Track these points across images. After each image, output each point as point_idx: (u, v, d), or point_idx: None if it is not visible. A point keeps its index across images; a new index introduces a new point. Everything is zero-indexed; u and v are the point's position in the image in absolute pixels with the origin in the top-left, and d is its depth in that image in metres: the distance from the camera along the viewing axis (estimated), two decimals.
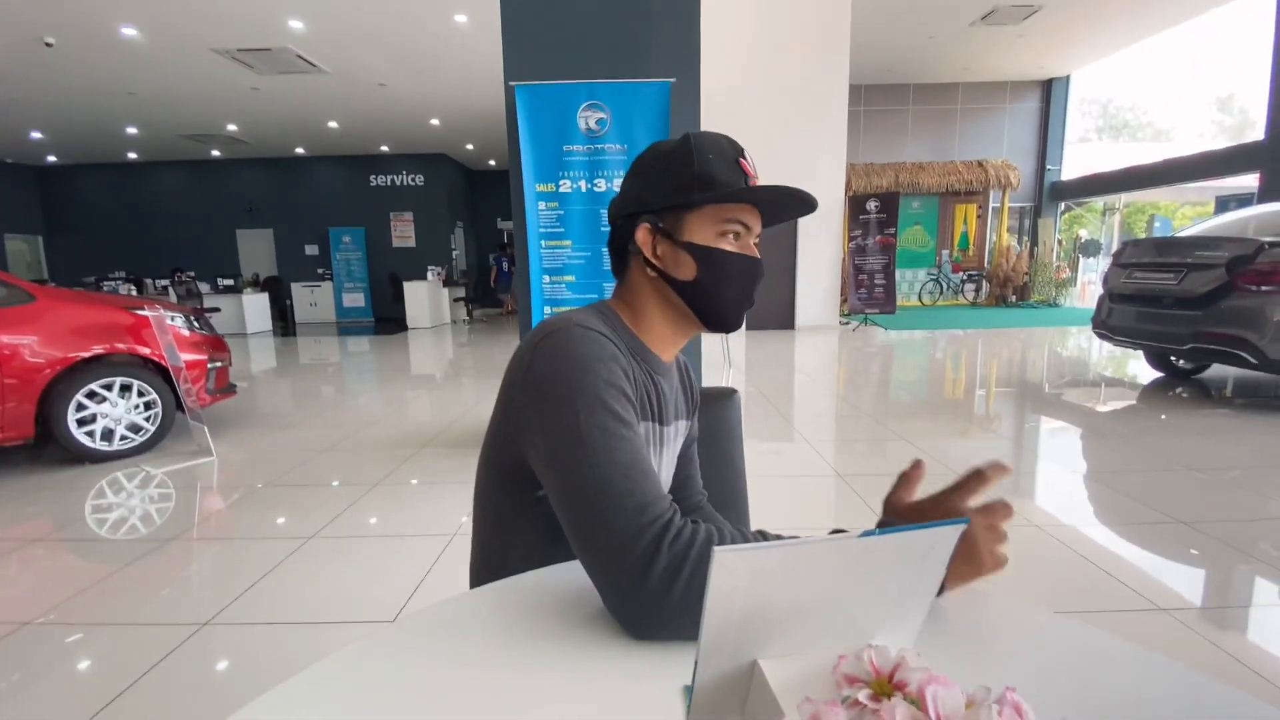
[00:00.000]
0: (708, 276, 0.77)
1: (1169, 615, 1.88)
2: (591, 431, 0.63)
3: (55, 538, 2.68)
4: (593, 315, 0.76)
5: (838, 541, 0.34)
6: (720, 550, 0.33)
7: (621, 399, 0.68)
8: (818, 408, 4.83)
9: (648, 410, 0.78)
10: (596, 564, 0.60)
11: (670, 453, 0.86)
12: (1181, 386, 5.14)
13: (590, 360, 0.68)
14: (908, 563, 0.37)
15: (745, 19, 9.09)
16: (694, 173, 0.76)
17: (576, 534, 0.62)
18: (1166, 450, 3.47)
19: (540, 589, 0.67)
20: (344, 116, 11.01)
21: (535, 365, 0.69)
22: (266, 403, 5.53)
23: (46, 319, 3.46)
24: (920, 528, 0.35)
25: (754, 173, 0.78)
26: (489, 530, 0.83)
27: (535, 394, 0.68)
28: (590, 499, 0.61)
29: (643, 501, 0.60)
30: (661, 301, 0.80)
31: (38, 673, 1.73)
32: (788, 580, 0.35)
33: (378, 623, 1.92)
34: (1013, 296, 13.08)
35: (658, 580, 0.56)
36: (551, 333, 0.71)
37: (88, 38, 7.14)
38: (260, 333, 11.52)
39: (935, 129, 13.73)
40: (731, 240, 0.77)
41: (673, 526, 0.59)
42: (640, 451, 0.65)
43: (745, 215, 0.77)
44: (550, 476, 0.66)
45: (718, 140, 0.78)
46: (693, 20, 3.27)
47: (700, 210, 0.76)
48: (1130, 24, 10.63)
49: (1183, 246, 4.59)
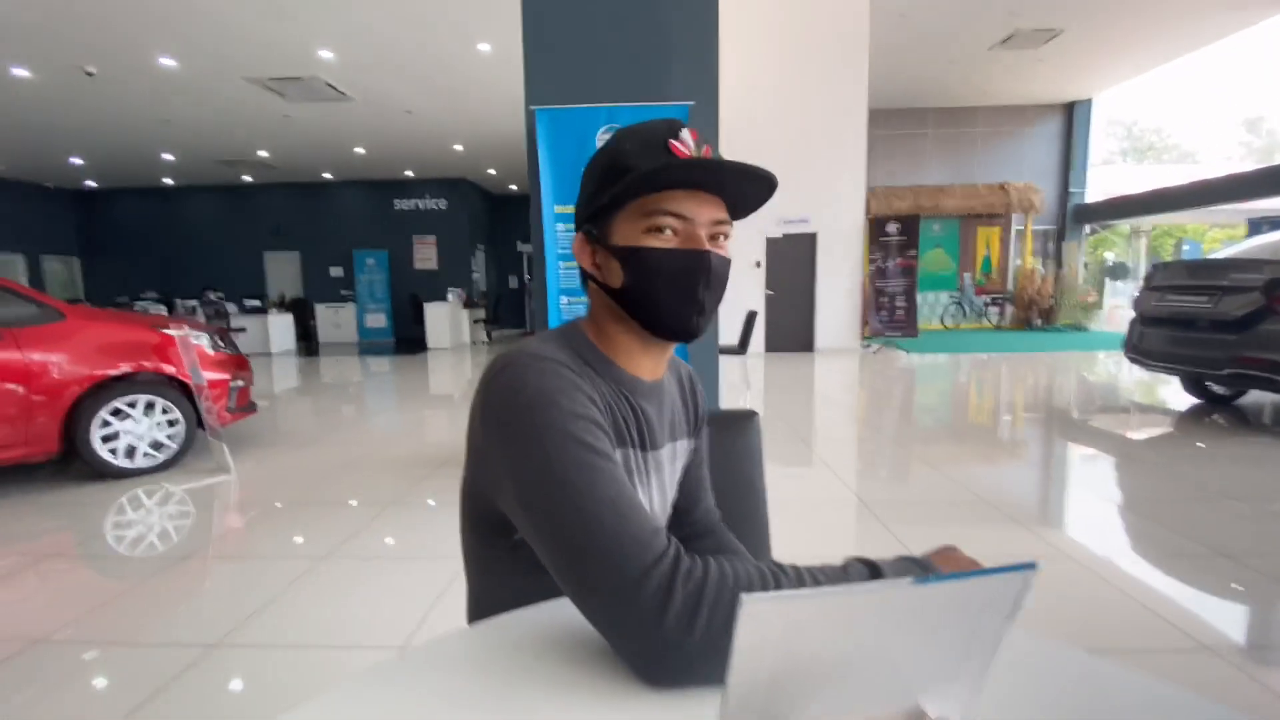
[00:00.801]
0: (634, 279, 0.68)
1: (1213, 654, 1.78)
2: (567, 470, 0.57)
3: (75, 553, 2.69)
4: (551, 341, 0.70)
5: (886, 589, 0.30)
6: (750, 598, 0.28)
7: (592, 428, 0.62)
8: (838, 431, 4.74)
9: (626, 436, 0.72)
10: (601, 610, 0.54)
11: (665, 478, 0.80)
12: (1218, 413, 4.97)
13: (549, 393, 0.61)
14: (966, 614, 0.32)
15: (764, 44, 9.17)
16: (611, 168, 0.68)
17: (571, 581, 0.56)
18: (1205, 479, 3.33)
19: (545, 625, 0.62)
20: (370, 142, 11.26)
21: (490, 405, 0.63)
22: (286, 421, 5.57)
23: (75, 337, 3.53)
24: (983, 573, 0.30)
25: (689, 152, 0.66)
26: (474, 574, 0.80)
27: (497, 436, 0.62)
28: (582, 542, 0.55)
29: (640, 537, 0.55)
30: (614, 314, 0.72)
31: (47, 690, 1.71)
32: (827, 632, 0.31)
33: (386, 648, 1.88)
34: (1038, 320, 12.83)
35: (675, 623, 0.51)
36: (502, 369, 0.64)
37: (127, 67, 7.42)
38: (284, 352, 11.69)
39: (956, 152, 13.66)
40: (664, 235, 0.67)
41: (682, 562, 0.54)
42: (624, 482, 0.60)
43: (678, 203, 0.66)
44: (529, 523, 0.60)
45: (649, 127, 0.69)
46: (711, 44, 3.29)
47: (624, 208, 0.68)
48: (1153, 47, 10.53)
49: (1217, 269, 4.46)
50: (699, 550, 0.91)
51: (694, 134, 0.68)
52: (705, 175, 0.66)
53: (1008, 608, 0.32)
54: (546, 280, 3.37)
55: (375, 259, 14.27)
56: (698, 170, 0.65)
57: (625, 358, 0.74)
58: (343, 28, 6.68)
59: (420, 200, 14.43)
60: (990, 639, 0.33)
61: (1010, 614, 0.32)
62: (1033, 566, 0.31)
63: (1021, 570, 0.30)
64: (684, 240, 0.67)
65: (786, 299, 9.85)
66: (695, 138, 0.68)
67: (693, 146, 0.67)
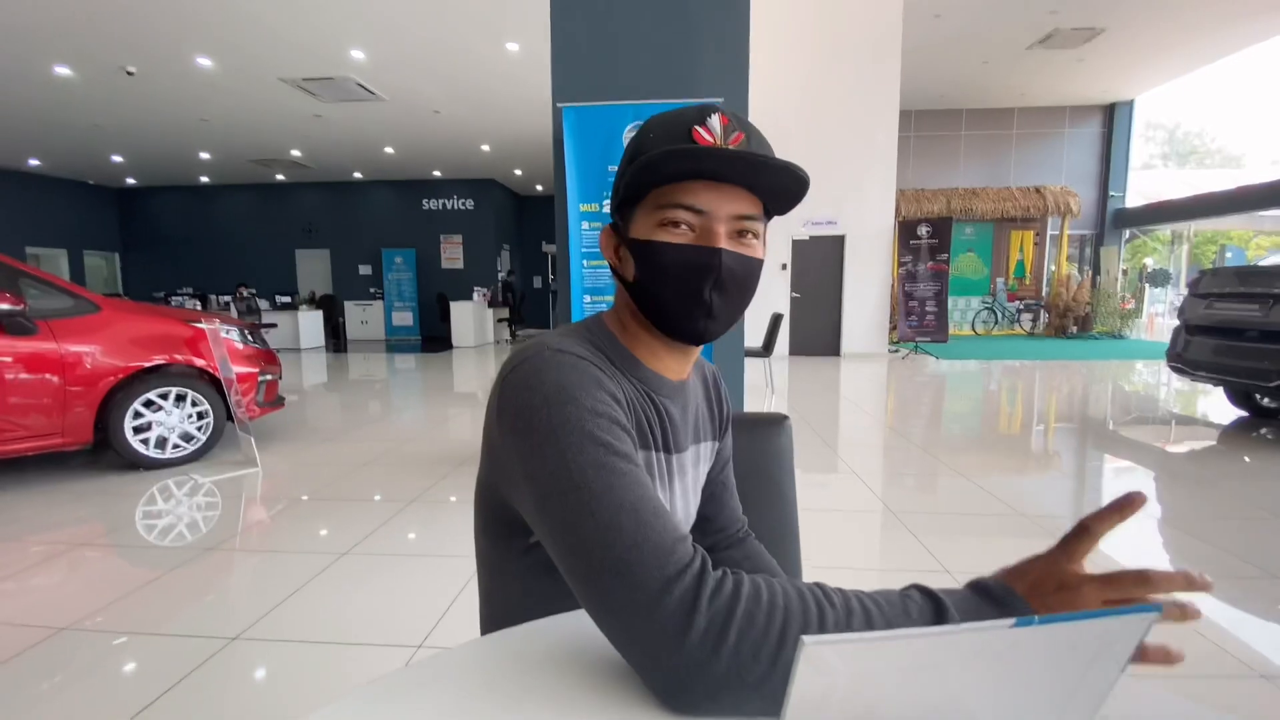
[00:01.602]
0: (643, 274, 0.65)
1: (1265, 682, 1.67)
2: (585, 472, 0.53)
3: (104, 542, 2.73)
4: (572, 334, 0.66)
5: (977, 631, 0.24)
6: (812, 640, 0.24)
7: (613, 428, 0.58)
8: (865, 438, 4.63)
9: (648, 438, 0.68)
10: (619, 626, 0.50)
11: (689, 482, 0.76)
12: (1266, 427, 4.75)
13: (568, 388, 0.57)
14: (1073, 661, 0.27)
15: (794, 42, 9.07)
16: (632, 154, 0.65)
17: (588, 593, 0.52)
18: (1253, 496, 3.17)
19: (560, 637, 0.58)
20: (400, 142, 11.39)
21: (506, 401, 0.60)
22: (313, 416, 5.63)
23: (110, 329, 3.60)
24: (1095, 616, 0.25)
25: (715, 140, 0.61)
26: (488, 578, 0.76)
27: (512, 433, 0.58)
28: (600, 552, 0.51)
29: (662, 545, 0.50)
30: (633, 311, 0.69)
31: (72, 677, 1.73)
32: (902, 681, 0.26)
33: (404, 646, 1.86)
34: (1073, 327, 12.47)
35: (699, 643, 0.46)
36: (520, 362, 0.61)
37: (165, 67, 7.59)
38: (313, 348, 11.88)
39: (989, 154, 13.36)
40: (679, 230, 0.62)
41: (708, 576, 0.49)
42: (647, 486, 0.55)
43: (695, 196, 0.61)
44: (544, 529, 0.56)
45: (679, 113, 0.64)
46: (741, 42, 3.23)
47: (644, 200, 0.65)
48: (1197, 47, 10.17)
49: (1269, 276, 4.26)
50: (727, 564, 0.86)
51: (724, 119, 0.62)
52: (720, 166, 0.60)
53: (1122, 656, 0.26)
54: (571, 280, 3.34)
55: (403, 258, 14.43)
56: (708, 160, 0.59)
57: (649, 355, 0.70)
58: (373, 28, 6.75)
59: (448, 200, 14.57)
60: (1097, 688, 0.27)
61: (1124, 663, 0.27)
62: (1157, 610, 0.26)
63: (1144, 613, 0.25)
64: (699, 236, 0.62)
65: (812, 302, 9.72)
66: (725, 123, 0.62)
67: (720, 133, 0.61)
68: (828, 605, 0.49)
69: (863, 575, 2.35)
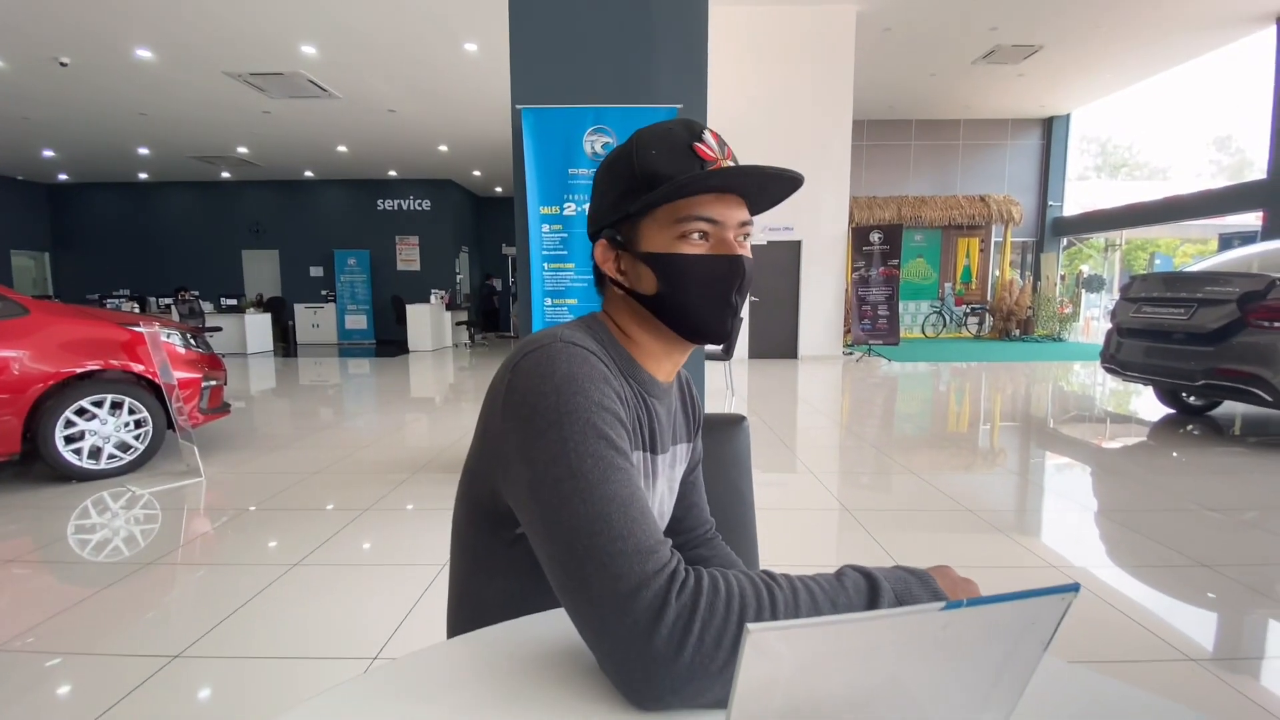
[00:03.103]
0: (669, 287, 0.68)
1: (1195, 665, 1.78)
2: (584, 461, 0.55)
3: (34, 558, 2.58)
4: (581, 330, 0.69)
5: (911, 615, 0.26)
6: (756, 627, 0.25)
7: (616, 424, 0.60)
8: (821, 438, 4.74)
9: (639, 438, 0.70)
10: (590, 617, 0.51)
11: (666, 482, 0.79)
12: (1193, 423, 5.05)
13: (579, 380, 0.60)
14: (999, 640, 0.29)
15: (751, 53, 9.22)
16: (635, 174, 0.68)
17: (565, 580, 0.53)
18: (1181, 489, 3.37)
19: (523, 641, 0.59)
20: (353, 141, 11.12)
21: (515, 386, 0.61)
22: (261, 423, 5.44)
23: (39, 334, 3.41)
24: (1021, 596, 0.27)
25: (715, 155, 0.67)
26: (465, 572, 0.76)
27: (516, 418, 0.60)
28: (584, 540, 0.52)
29: (644, 545, 0.52)
30: (640, 318, 0.72)
31: (2, 702, 1.63)
32: (843, 664, 0.27)
33: (359, 659, 1.82)
34: (1016, 330, 13.02)
35: (665, 640, 0.48)
36: (534, 349, 0.63)
37: (102, 58, 7.24)
38: (261, 353, 11.47)
39: (938, 164, 13.84)
40: (696, 240, 0.67)
41: (677, 577, 0.51)
42: (639, 486, 0.57)
43: (709, 208, 0.66)
44: (533, 513, 0.57)
45: (668, 130, 0.69)
46: (700, 48, 3.28)
47: (652, 214, 0.67)
48: (1129, 65, 10.77)
49: (1192, 281, 4.54)
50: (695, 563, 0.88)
51: (715, 135, 0.68)
52: (738, 181, 0.66)
53: (1045, 633, 0.29)
54: (531, 282, 3.33)
55: (357, 259, 14.08)
56: (735, 178, 0.66)
57: (646, 357, 0.73)
58: (325, 22, 6.58)
59: (404, 200, 14.29)
60: (1023, 666, 0.30)
61: (1047, 640, 0.29)
62: (1075, 589, 0.28)
63: (1063, 592, 0.27)
64: (715, 245, 0.67)
65: (771, 306, 9.89)
66: (717, 139, 0.68)
67: (716, 149, 0.67)
68: (776, 588, 0.53)
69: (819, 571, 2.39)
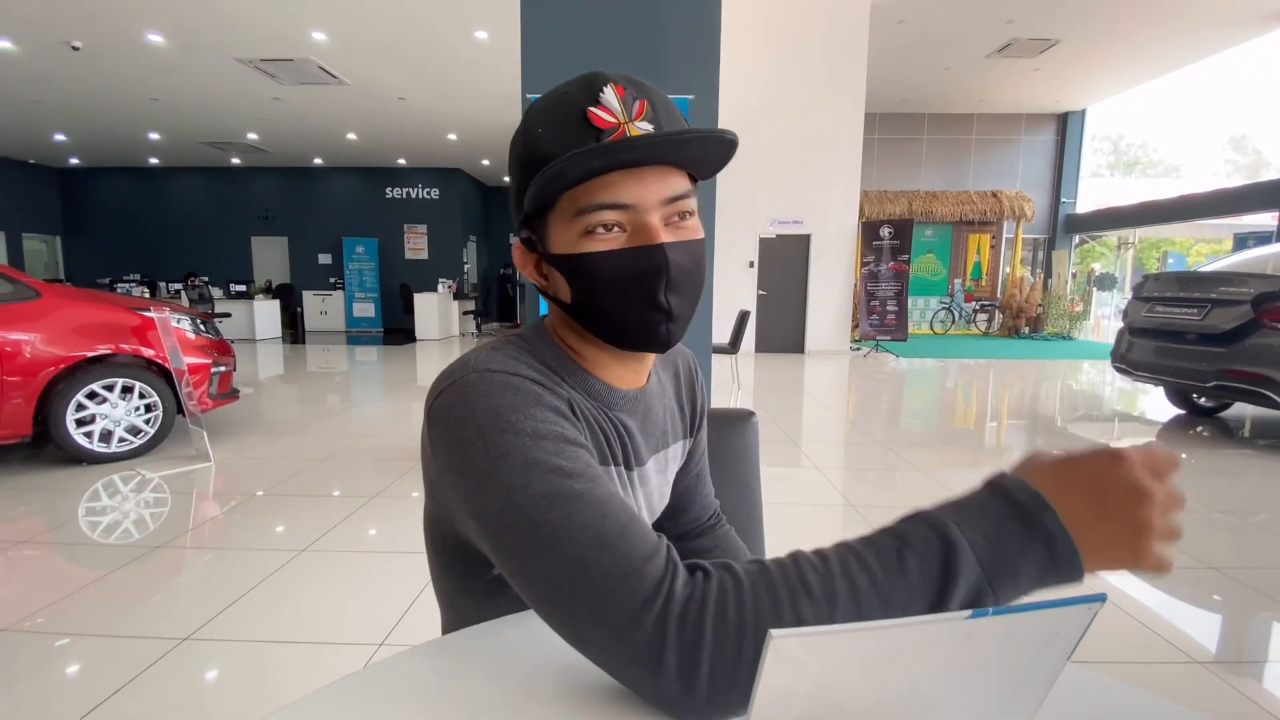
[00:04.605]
0: (580, 293, 0.56)
1: (1201, 668, 1.77)
2: (535, 505, 0.48)
3: (45, 540, 2.61)
4: (505, 347, 0.58)
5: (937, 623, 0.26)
6: (778, 635, 0.24)
7: (561, 447, 0.51)
8: (827, 433, 4.73)
9: (605, 453, 0.61)
10: (600, 660, 0.47)
11: (654, 488, 0.71)
12: (1202, 425, 5.01)
13: (501, 413, 0.51)
14: (1023, 649, 0.28)
15: (763, 45, 9.14)
16: (527, 160, 0.55)
17: (561, 630, 0.48)
18: (1190, 490, 3.32)
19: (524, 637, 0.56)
20: (363, 129, 11.11)
21: (437, 435, 0.54)
22: (269, 409, 5.48)
23: (51, 317, 3.43)
24: (1045, 607, 0.27)
25: (616, 119, 0.52)
26: (446, 607, 0.70)
27: (449, 469, 0.53)
28: (566, 587, 0.46)
29: (630, 570, 0.45)
30: (573, 327, 0.61)
31: (11, 681, 1.65)
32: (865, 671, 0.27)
33: (365, 644, 1.83)
34: (1025, 328, 12.93)
35: (675, 678, 0.42)
36: (445, 388, 0.54)
37: (114, 43, 7.25)
38: (269, 339, 11.54)
39: (950, 158, 13.72)
40: (605, 235, 0.53)
41: (674, 602, 0.44)
42: (608, 501, 0.49)
43: (613, 191, 0.52)
44: (506, 569, 0.51)
45: (560, 97, 0.54)
46: (712, 38, 3.25)
47: (555, 207, 0.55)
48: (1146, 61, 10.62)
49: (1206, 281, 4.49)
50: (697, 553, 0.84)
51: (620, 90, 0.53)
52: (639, 155, 0.51)
53: (1069, 643, 0.28)
54: None
55: (365, 247, 14.10)
56: (624, 152, 0.50)
57: (596, 368, 0.63)
58: (336, 9, 6.56)
59: (412, 189, 14.28)
60: (1046, 675, 0.29)
61: (1071, 650, 0.28)
62: (1102, 599, 0.27)
63: (1089, 602, 0.26)
64: (633, 236, 0.54)
65: (778, 300, 9.85)
66: (622, 94, 0.53)
67: (619, 109, 0.52)
68: (804, 598, 0.43)
69: None
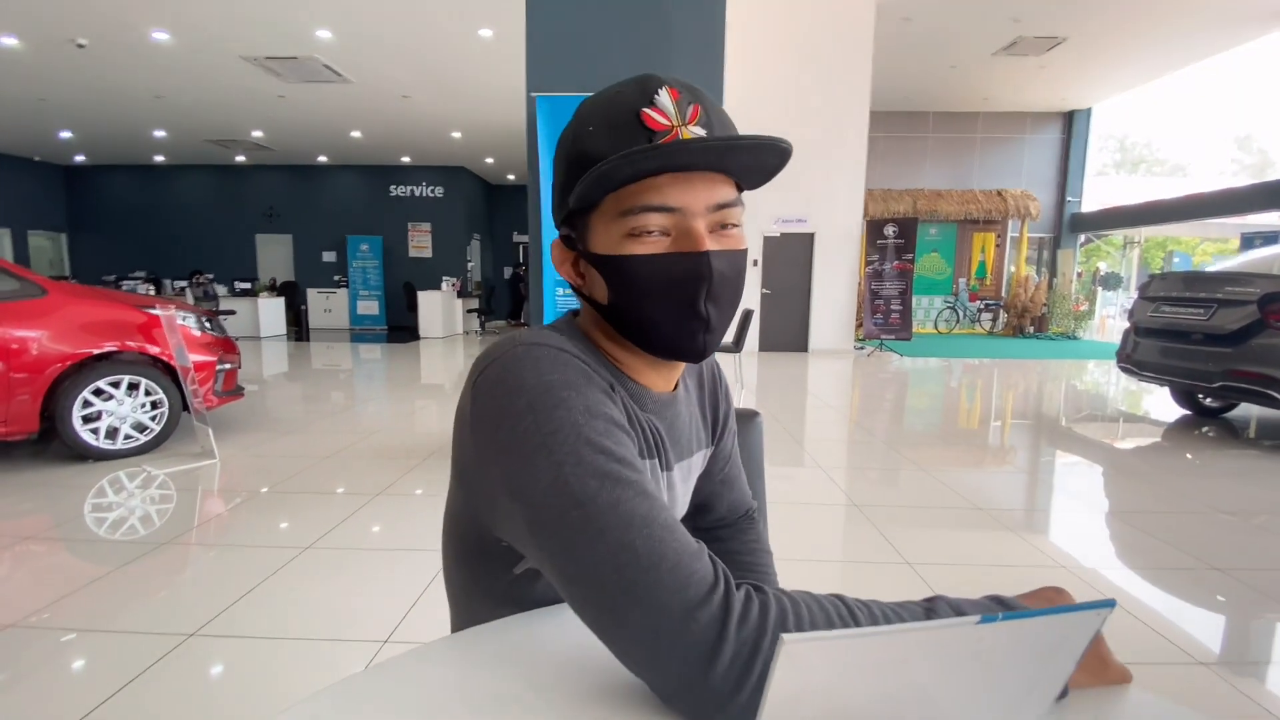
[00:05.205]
0: (619, 296, 0.56)
1: (1204, 669, 1.77)
2: (585, 484, 0.46)
3: (52, 536, 2.63)
4: (548, 330, 0.57)
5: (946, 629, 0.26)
6: (790, 639, 0.24)
7: (611, 430, 0.50)
8: (830, 433, 4.72)
9: (643, 449, 0.59)
10: (641, 656, 0.45)
11: (680, 493, 0.70)
12: (1208, 425, 4.99)
13: (555, 388, 0.49)
14: (1031, 655, 0.28)
15: (767, 42, 9.12)
16: (573, 159, 0.55)
17: (601, 621, 0.46)
18: (1194, 491, 3.33)
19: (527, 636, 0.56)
20: (367, 127, 11.12)
21: (481, 411, 0.51)
22: (274, 407, 5.49)
23: (57, 314, 3.45)
24: (1055, 612, 0.26)
25: (670, 122, 0.52)
26: (459, 607, 0.68)
27: (490, 448, 0.50)
28: (612, 575, 0.44)
29: (681, 565, 0.44)
30: (606, 329, 0.61)
31: (17, 676, 1.66)
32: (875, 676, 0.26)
33: (369, 641, 1.84)
34: (1030, 327, 12.89)
35: (725, 674, 0.41)
36: (491, 362, 0.52)
37: (119, 40, 7.27)
38: (274, 337, 11.57)
39: (955, 157, 13.67)
40: (648, 238, 0.53)
41: (734, 600, 0.44)
42: (655, 496, 0.48)
43: (661, 193, 0.52)
44: (542, 554, 0.49)
45: (613, 96, 0.54)
46: (717, 36, 3.25)
47: (600, 206, 0.54)
48: (1153, 58, 10.56)
49: (1212, 281, 4.47)
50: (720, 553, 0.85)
51: (675, 93, 0.53)
52: (692, 159, 0.51)
53: (1078, 648, 0.28)
54: (544, 272, 3.32)
55: (369, 245, 14.13)
56: (679, 155, 0.50)
57: (630, 369, 0.62)
58: (341, 7, 6.57)
59: (416, 187, 14.30)
60: (1054, 681, 0.29)
61: (1079, 655, 0.28)
62: (1111, 605, 0.27)
63: (1098, 608, 0.26)
64: (677, 241, 0.53)
65: (782, 298, 9.83)
66: (677, 97, 0.53)
67: (673, 111, 0.52)
68: (853, 624, 0.46)
69: (827, 567, 2.40)
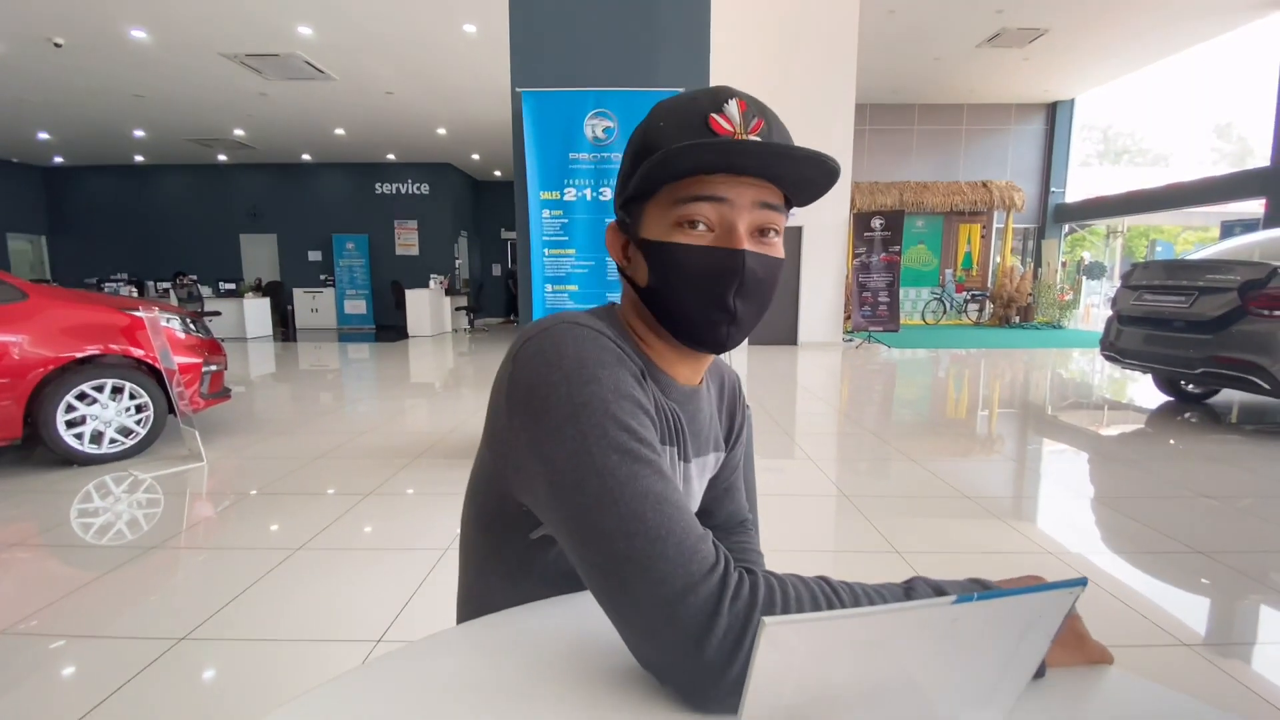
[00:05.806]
0: (657, 280, 0.60)
1: (1189, 650, 1.80)
2: (607, 456, 0.50)
3: (38, 542, 2.60)
4: (589, 314, 0.62)
5: (923, 609, 0.26)
6: (772, 621, 0.25)
7: (637, 412, 0.53)
8: (820, 425, 4.75)
9: (665, 435, 0.63)
10: (638, 623, 0.47)
11: (696, 487, 0.73)
12: (1190, 411, 5.07)
13: (590, 365, 0.53)
14: (1007, 634, 0.29)
15: (752, 37, 9.12)
16: (640, 149, 0.60)
17: (606, 585, 0.49)
18: (1178, 476, 3.39)
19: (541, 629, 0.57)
20: (351, 124, 11.02)
21: (519, 378, 0.55)
22: (261, 408, 5.45)
23: (38, 318, 3.40)
24: (1028, 591, 0.27)
25: (734, 128, 0.57)
26: (473, 573, 0.71)
27: (524, 413, 0.54)
28: (620, 543, 0.47)
29: (686, 542, 0.48)
30: (642, 312, 0.65)
31: (6, 684, 1.64)
32: (856, 657, 0.27)
33: (362, 642, 1.84)
34: (1016, 317, 13.02)
35: (716, 650, 0.44)
36: (535, 335, 0.56)
37: (96, 39, 7.15)
38: (260, 337, 11.46)
39: (940, 149, 13.76)
40: (695, 230, 0.58)
41: (730, 580, 0.47)
42: (671, 479, 0.52)
43: (714, 189, 0.57)
44: (558, 517, 0.52)
45: (688, 100, 0.60)
46: (703, 31, 3.24)
47: (656, 196, 0.60)
48: (1135, 49, 10.67)
49: (1193, 269, 4.53)
50: None
51: (742, 105, 0.58)
52: (744, 159, 0.56)
53: (1052, 626, 0.29)
54: (531, 268, 3.32)
55: (355, 243, 14.02)
56: (732, 153, 0.55)
57: (659, 358, 0.66)
58: (322, 3, 6.49)
59: (402, 184, 14.20)
60: (1029, 658, 0.30)
61: (1054, 633, 0.29)
62: (1083, 583, 0.28)
63: (1070, 587, 0.27)
64: (720, 236, 0.58)
65: None
66: (744, 109, 0.58)
67: (739, 121, 0.57)
68: (837, 602, 0.48)
69: (818, 557, 2.42)
